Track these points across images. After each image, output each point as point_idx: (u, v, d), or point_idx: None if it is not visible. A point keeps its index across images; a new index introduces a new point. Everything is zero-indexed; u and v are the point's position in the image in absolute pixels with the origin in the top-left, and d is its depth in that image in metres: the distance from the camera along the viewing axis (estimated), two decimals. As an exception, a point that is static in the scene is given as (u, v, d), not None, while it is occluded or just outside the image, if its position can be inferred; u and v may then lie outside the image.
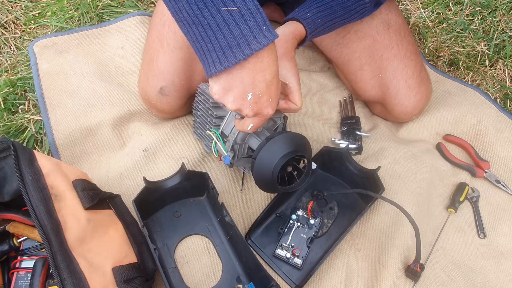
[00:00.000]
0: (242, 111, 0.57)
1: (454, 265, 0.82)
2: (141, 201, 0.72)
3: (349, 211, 0.83)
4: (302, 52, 1.11)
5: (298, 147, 0.67)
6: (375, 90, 0.93)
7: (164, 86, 0.84)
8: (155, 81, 0.84)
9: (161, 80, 0.84)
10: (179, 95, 0.85)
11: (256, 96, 0.55)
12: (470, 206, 0.91)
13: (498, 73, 1.16)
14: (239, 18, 0.48)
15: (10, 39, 1.07)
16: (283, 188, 0.70)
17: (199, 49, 0.52)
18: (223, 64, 0.50)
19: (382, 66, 0.90)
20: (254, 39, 0.49)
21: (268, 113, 0.59)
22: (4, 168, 0.64)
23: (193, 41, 0.53)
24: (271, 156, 0.65)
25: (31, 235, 0.64)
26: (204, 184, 0.80)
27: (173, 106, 0.86)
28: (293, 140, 0.67)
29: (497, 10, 1.28)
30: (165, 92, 0.84)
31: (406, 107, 0.93)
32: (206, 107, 0.76)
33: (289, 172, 0.71)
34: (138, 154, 0.87)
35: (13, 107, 0.94)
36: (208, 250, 0.78)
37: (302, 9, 0.76)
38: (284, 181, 0.70)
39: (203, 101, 0.78)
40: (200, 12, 0.49)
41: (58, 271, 0.54)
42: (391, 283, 0.75)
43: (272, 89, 0.56)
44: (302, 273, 0.76)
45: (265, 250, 0.78)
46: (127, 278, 0.61)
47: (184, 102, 0.87)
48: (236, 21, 0.49)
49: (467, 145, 0.97)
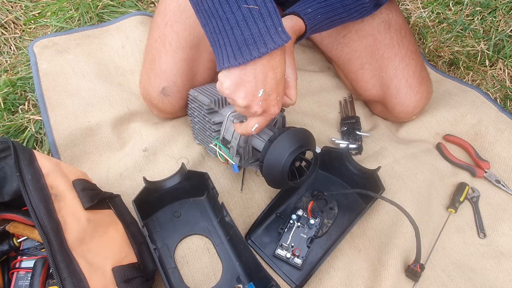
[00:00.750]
0: (251, 107, 0.58)
1: (454, 265, 0.82)
2: (141, 201, 0.72)
3: (349, 211, 0.83)
4: (302, 52, 1.11)
5: (301, 141, 0.67)
6: (375, 89, 0.93)
7: (166, 87, 0.84)
8: (157, 81, 0.84)
9: (163, 81, 0.84)
10: (180, 96, 0.85)
11: (266, 93, 0.56)
12: (470, 206, 0.91)
13: (498, 73, 1.16)
14: (258, 17, 0.50)
15: (10, 39, 1.07)
16: (295, 183, 0.70)
17: (216, 42, 0.54)
18: (237, 60, 0.52)
19: (383, 65, 0.90)
20: (270, 39, 0.51)
21: (275, 112, 0.59)
22: (4, 168, 0.64)
23: (211, 33, 0.54)
24: (278, 156, 0.65)
25: (31, 235, 0.64)
26: (204, 184, 0.80)
27: (175, 106, 0.87)
28: (296, 136, 0.67)
29: (497, 10, 1.28)
30: (167, 92, 0.84)
31: (406, 107, 0.93)
32: (202, 114, 0.76)
33: (298, 165, 0.71)
34: (138, 154, 0.87)
35: (13, 107, 0.94)
36: (208, 250, 0.78)
37: (302, 3, 0.76)
38: (294, 175, 0.70)
39: (198, 108, 0.78)
40: (221, 6, 0.50)
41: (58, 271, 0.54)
42: (391, 283, 0.75)
43: (280, 88, 0.58)
44: (302, 273, 0.76)
45: (265, 250, 0.78)
46: (127, 278, 0.61)
47: (186, 102, 0.87)
48: (255, 19, 0.50)
49: (467, 145, 0.97)
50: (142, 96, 0.91)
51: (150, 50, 0.88)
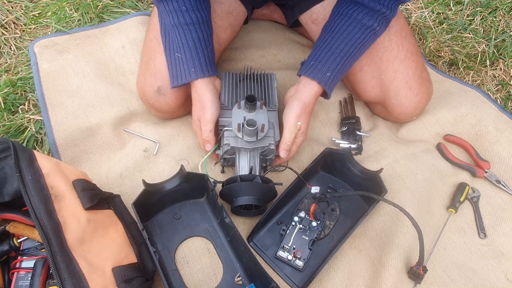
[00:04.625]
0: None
1: (455, 265, 0.82)
2: (140, 204, 0.72)
3: (351, 213, 0.83)
4: (302, 52, 1.11)
5: (254, 197, 0.75)
6: (375, 91, 0.93)
7: (162, 86, 0.84)
8: (153, 80, 0.84)
9: (158, 79, 0.84)
10: (176, 95, 0.85)
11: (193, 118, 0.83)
12: (470, 206, 0.91)
13: (498, 73, 1.16)
14: (180, 62, 0.79)
15: (10, 39, 1.07)
16: (238, 212, 0.80)
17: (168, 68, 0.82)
18: (173, 83, 0.80)
19: (382, 67, 0.90)
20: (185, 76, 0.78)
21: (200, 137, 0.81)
22: (4, 169, 0.64)
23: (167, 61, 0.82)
24: (229, 197, 0.77)
25: (31, 235, 0.64)
26: (204, 186, 0.79)
27: (171, 105, 0.86)
28: (248, 190, 0.75)
29: (497, 10, 1.28)
30: (162, 91, 0.84)
31: (406, 108, 0.93)
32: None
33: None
34: (139, 155, 0.87)
35: (13, 107, 0.94)
36: (208, 251, 0.77)
37: (319, 65, 0.78)
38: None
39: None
40: (168, 51, 0.81)
41: (58, 272, 0.54)
42: (391, 283, 0.75)
43: (194, 117, 0.81)
44: (304, 275, 0.76)
45: (267, 252, 0.78)
46: (127, 278, 0.61)
47: (182, 101, 0.87)
48: (178, 63, 0.79)
49: (468, 145, 0.97)
50: (140, 97, 0.92)
51: (146, 50, 0.88)
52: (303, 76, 0.80)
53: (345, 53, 0.77)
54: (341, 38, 0.77)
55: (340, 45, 0.77)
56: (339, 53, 0.77)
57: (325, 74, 0.77)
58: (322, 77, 0.77)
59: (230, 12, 0.93)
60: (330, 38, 0.78)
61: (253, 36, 1.12)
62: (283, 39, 1.13)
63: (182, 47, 0.76)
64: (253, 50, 1.09)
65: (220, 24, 0.91)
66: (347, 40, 0.77)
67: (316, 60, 0.78)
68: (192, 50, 0.76)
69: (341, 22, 0.77)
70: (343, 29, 0.77)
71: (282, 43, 1.12)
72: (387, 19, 0.77)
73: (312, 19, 0.97)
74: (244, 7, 0.95)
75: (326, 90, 0.79)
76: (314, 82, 0.78)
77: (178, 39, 0.77)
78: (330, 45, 0.78)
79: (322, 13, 0.95)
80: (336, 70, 0.78)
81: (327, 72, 0.77)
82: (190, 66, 0.76)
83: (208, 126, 0.78)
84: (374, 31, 0.77)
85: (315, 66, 0.78)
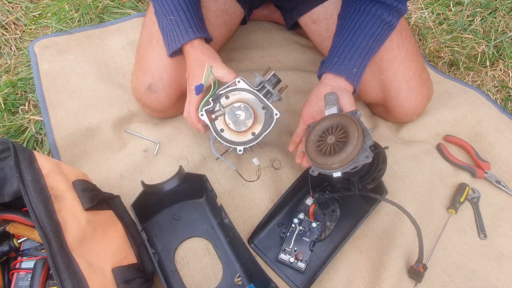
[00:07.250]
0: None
1: (455, 266, 0.82)
2: (139, 205, 0.72)
3: (351, 214, 0.83)
4: (302, 53, 1.11)
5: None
6: (375, 91, 0.93)
7: (152, 83, 0.84)
8: (144, 78, 0.85)
9: (149, 77, 0.84)
10: (167, 93, 0.85)
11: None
12: (470, 206, 0.91)
13: (498, 73, 1.16)
14: (175, 23, 0.77)
15: (10, 39, 1.07)
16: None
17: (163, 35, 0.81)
18: (170, 49, 0.78)
19: (382, 68, 0.89)
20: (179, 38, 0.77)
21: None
22: (4, 169, 0.63)
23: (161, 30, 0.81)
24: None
25: (31, 236, 0.64)
26: (203, 186, 0.79)
27: (162, 103, 0.86)
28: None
29: (497, 11, 1.28)
30: (153, 88, 0.84)
31: (407, 108, 0.93)
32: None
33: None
34: (139, 155, 0.87)
35: (13, 108, 0.94)
36: (208, 251, 0.77)
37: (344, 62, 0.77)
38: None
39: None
40: (159, 18, 0.81)
41: (58, 272, 0.54)
42: (392, 283, 0.75)
43: (188, 74, 0.77)
44: (306, 277, 0.76)
45: (268, 254, 0.78)
46: (127, 278, 0.61)
47: (174, 100, 0.87)
48: (173, 25, 0.77)
49: (468, 146, 0.97)
50: (134, 96, 0.92)
51: (139, 50, 0.89)
52: (328, 73, 0.78)
53: (368, 49, 0.78)
54: (363, 34, 0.77)
55: (363, 41, 0.77)
56: (363, 49, 0.77)
57: (351, 70, 0.77)
58: (349, 73, 0.77)
59: (225, 11, 0.93)
60: (351, 35, 0.78)
61: (253, 37, 1.12)
62: (283, 39, 1.13)
63: (175, 9, 0.76)
64: (253, 50, 1.09)
65: (214, 21, 0.90)
66: (369, 36, 0.77)
67: (340, 56, 0.78)
68: (186, 12, 0.76)
69: (361, 19, 0.77)
70: (364, 25, 0.77)
71: (282, 43, 1.12)
72: (401, 14, 0.79)
73: (313, 20, 0.97)
74: (241, 7, 0.95)
75: (354, 86, 0.79)
76: (341, 79, 0.77)
77: (169, 1, 0.76)
78: (352, 41, 0.78)
79: (323, 13, 0.94)
80: (362, 65, 0.78)
81: (353, 68, 0.77)
82: (186, 26, 0.76)
83: (221, 71, 0.75)
84: (392, 26, 0.79)
85: (341, 63, 0.77)
